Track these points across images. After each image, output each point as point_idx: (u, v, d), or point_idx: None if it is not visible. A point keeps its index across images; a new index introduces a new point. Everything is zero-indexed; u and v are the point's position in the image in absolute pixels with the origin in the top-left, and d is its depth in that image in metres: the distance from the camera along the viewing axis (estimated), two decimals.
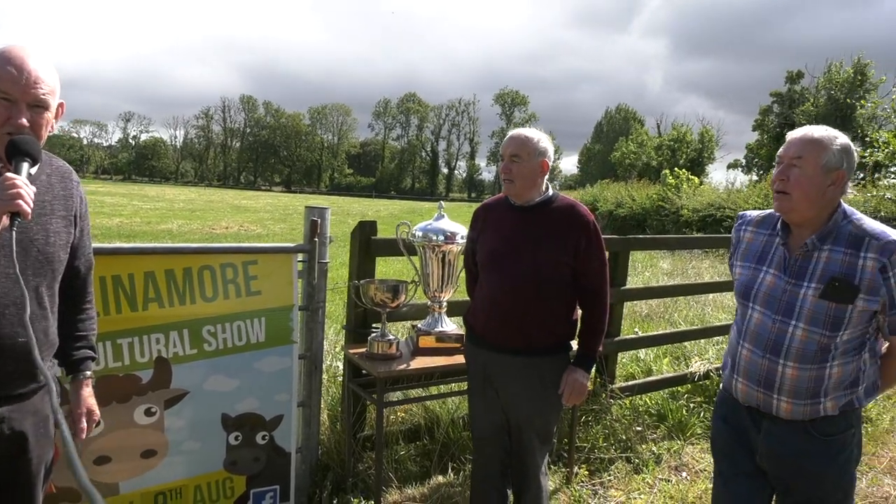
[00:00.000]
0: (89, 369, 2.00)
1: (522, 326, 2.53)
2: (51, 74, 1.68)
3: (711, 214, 18.72)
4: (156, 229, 18.95)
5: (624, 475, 3.68)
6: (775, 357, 1.97)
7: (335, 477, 3.27)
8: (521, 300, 2.52)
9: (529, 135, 2.55)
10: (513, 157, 2.53)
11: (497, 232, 2.64)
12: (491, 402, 2.68)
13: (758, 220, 2.17)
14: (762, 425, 2.06)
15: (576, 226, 2.54)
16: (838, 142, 1.89)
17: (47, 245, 1.74)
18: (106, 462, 2.57)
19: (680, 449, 4.02)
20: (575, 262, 2.52)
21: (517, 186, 2.54)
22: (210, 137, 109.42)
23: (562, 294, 2.56)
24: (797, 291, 1.94)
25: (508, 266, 2.55)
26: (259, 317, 2.86)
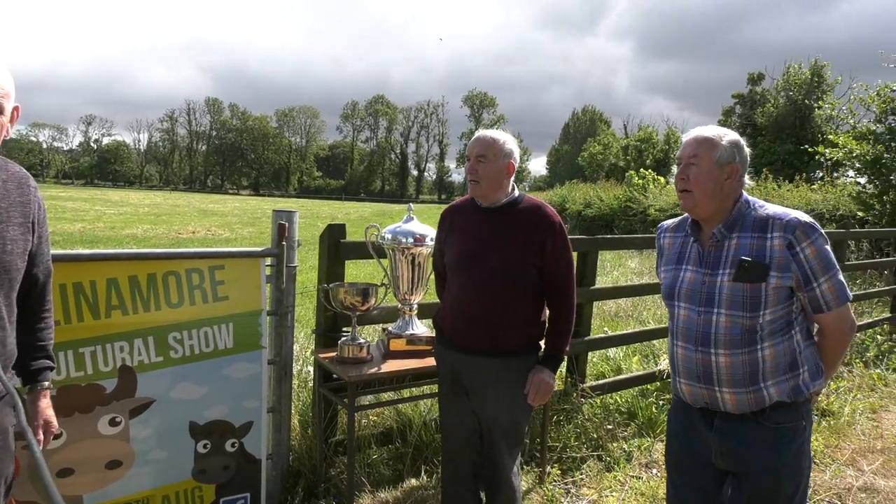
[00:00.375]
0: (48, 380, 1.94)
1: (490, 328, 2.54)
2: (4, 78, 1.63)
3: (677, 213, 19.01)
4: (120, 234, 18.54)
5: (596, 473, 3.71)
6: (706, 348, 2.01)
7: (307, 483, 3.23)
8: (489, 301, 2.53)
9: (496, 136, 2.56)
10: (479, 158, 2.53)
11: (464, 234, 2.64)
12: (461, 404, 2.68)
13: (673, 226, 2.28)
14: (714, 423, 2.08)
15: (542, 227, 2.55)
16: (727, 138, 2.01)
17: (4, 253, 1.68)
18: (69, 474, 2.51)
19: (650, 446, 4.07)
20: (542, 262, 2.54)
21: (483, 187, 2.55)
22: (175, 140, 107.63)
23: (530, 295, 2.57)
24: (714, 280, 2.01)
25: (476, 268, 2.56)
26: (227, 322, 2.82)
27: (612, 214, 23.15)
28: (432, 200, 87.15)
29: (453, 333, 2.64)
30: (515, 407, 2.61)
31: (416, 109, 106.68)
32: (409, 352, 3.19)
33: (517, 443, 2.69)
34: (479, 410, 2.64)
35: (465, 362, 2.61)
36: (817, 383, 2.03)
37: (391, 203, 67.70)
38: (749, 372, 1.98)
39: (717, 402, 2.04)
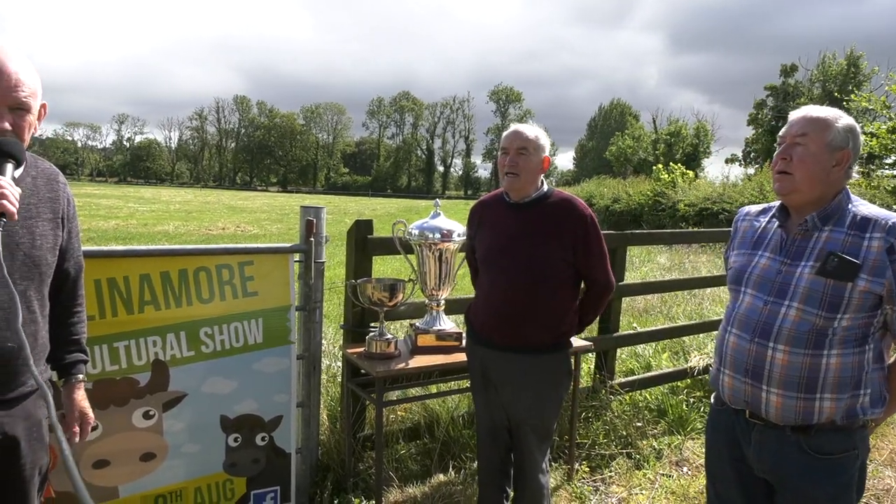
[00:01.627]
0: (81, 372, 1.98)
1: (519, 324, 2.53)
2: (31, 76, 1.65)
3: (707, 208, 18.76)
4: (152, 231, 18.89)
5: (625, 471, 3.67)
6: (764, 340, 1.83)
7: (336, 477, 3.26)
8: (518, 298, 2.52)
9: (535, 130, 2.58)
10: (520, 151, 2.52)
11: (494, 229, 2.64)
12: (490, 399, 2.69)
13: (756, 211, 2.11)
14: (752, 436, 1.92)
15: (574, 221, 2.53)
16: (843, 121, 1.82)
17: (34, 248, 1.72)
18: (105, 466, 2.56)
19: (681, 444, 4.02)
20: (575, 257, 2.52)
21: (522, 181, 2.53)
22: (205, 138, 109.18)
23: (561, 291, 2.55)
24: (793, 271, 1.83)
25: (505, 264, 2.55)
26: (256, 317, 2.85)
27: (640, 209, 22.90)
28: (458, 196, 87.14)
29: (483, 329, 2.64)
30: (544, 404, 2.60)
31: (441, 105, 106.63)
32: (436, 347, 3.19)
33: (545, 439, 2.68)
34: (507, 406, 2.64)
35: (493, 358, 2.61)
36: (877, 412, 1.83)
37: (417, 199, 67.81)
38: (807, 377, 1.78)
39: (760, 402, 1.86)
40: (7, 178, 1.50)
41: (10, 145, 1.57)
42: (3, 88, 1.57)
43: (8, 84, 1.58)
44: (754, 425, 1.91)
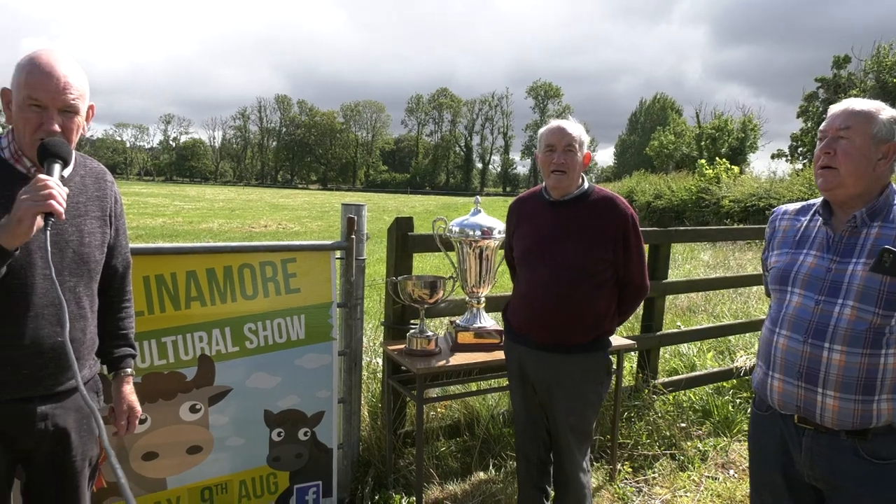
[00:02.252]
0: (130, 367, 2.03)
1: (556, 323, 2.50)
2: (80, 78, 1.69)
3: (754, 205, 18.27)
4: (197, 228, 19.34)
5: (669, 472, 3.60)
6: (819, 341, 1.76)
7: (376, 473, 3.27)
8: (554, 296, 2.48)
9: (579, 127, 2.55)
10: (568, 148, 2.48)
11: (532, 227, 2.61)
12: (528, 399, 2.67)
13: (795, 210, 2.03)
14: (802, 442, 1.83)
15: (614, 219, 2.49)
16: (886, 112, 1.76)
17: (82, 246, 1.76)
18: (153, 458, 2.62)
19: (727, 446, 3.92)
20: (614, 256, 2.48)
21: (570, 178, 2.50)
22: (247, 137, 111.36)
23: (599, 290, 2.50)
24: (844, 269, 1.76)
25: (542, 262, 2.52)
26: (299, 314, 2.88)
27: (682, 206, 22.44)
28: (497, 193, 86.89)
29: (520, 327, 2.62)
30: (582, 404, 2.56)
31: (480, 102, 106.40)
32: (476, 345, 3.18)
33: (585, 439, 2.64)
34: (545, 405, 2.62)
35: (531, 357, 2.59)
36: None
37: (456, 196, 67.87)
38: (865, 378, 1.71)
39: (815, 407, 1.78)
40: (55, 179, 1.54)
41: (58, 146, 1.61)
42: (53, 92, 1.62)
43: (57, 87, 1.62)
44: (804, 431, 1.83)
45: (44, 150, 1.60)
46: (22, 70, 1.63)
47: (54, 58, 1.64)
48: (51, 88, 1.61)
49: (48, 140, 1.61)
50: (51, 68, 1.62)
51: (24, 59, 1.64)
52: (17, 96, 1.63)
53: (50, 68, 1.62)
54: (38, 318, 1.66)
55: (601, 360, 2.58)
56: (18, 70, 1.63)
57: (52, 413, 1.73)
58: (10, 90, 1.65)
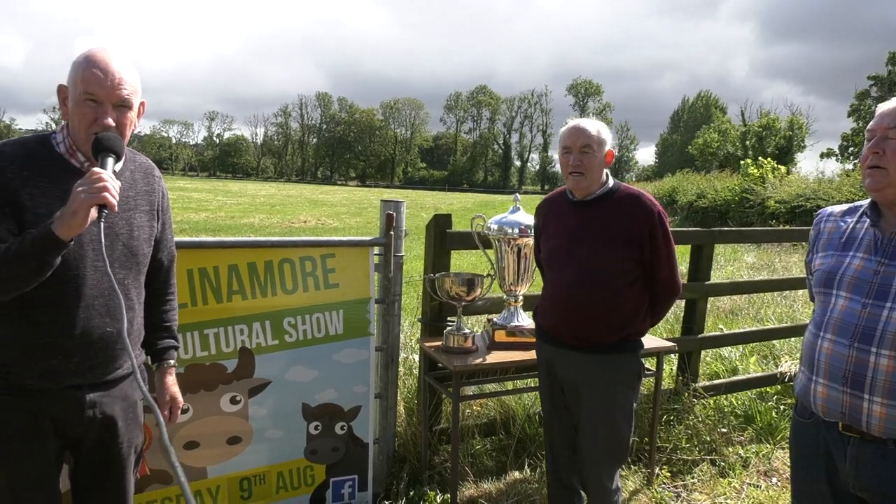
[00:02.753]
0: (172, 358, 2.08)
1: (581, 324, 2.45)
2: (133, 75, 1.73)
3: (800, 206, 17.75)
4: (239, 223, 19.72)
5: (709, 478, 3.53)
6: (866, 346, 1.69)
7: (411, 469, 3.29)
8: (579, 297, 2.44)
9: (597, 125, 2.48)
10: (584, 149, 2.43)
11: (557, 228, 2.58)
12: (556, 400, 2.63)
13: (841, 211, 1.97)
14: (846, 451, 1.77)
15: (640, 217, 2.43)
16: None
17: (132, 239, 1.81)
18: (195, 447, 2.68)
19: (770, 453, 3.82)
20: (640, 255, 2.42)
21: (588, 179, 2.45)
22: (288, 134, 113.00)
23: (625, 290, 2.44)
24: (893, 271, 1.70)
25: (566, 262, 2.49)
26: (337, 309, 2.91)
27: (725, 206, 21.94)
28: (535, 191, 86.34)
29: (547, 327, 2.59)
30: (612, 410, 2.48)
31: (519, 99, 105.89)
32: (513, 343, 3.16)
33: (616, 450, 2.53)
34: (572, 409, 2.57)
35: (558, 357, 2.56)
36: None
37: (493, 194, 67.67)
38: None
39: (860, 414, 1.71)
40: (108, 172, 1.58)
41: (112, 141, 1.66)
42: (108, 87, 1.66)
43: (112, 83, 1.67)
44: (849, 439, 1.77)
45: (98, 145, 1.64)
46: (78, 67, 1.67)
47: (109, 55, 1.69)
48: (106, 84, 1.66)
49: (102, 134, 1.65)
50: (106, 65, 1.67)
51: (81, 57, 1.69)
52: (73, 92, 1.68)
53: (105, 65, 1.67)
54: (88, 308, 1.71)
55: (631, 361, 2.51)
56: (75, 67, 1.68)
57: (101, 401, 1.78)
58: (67, 87, 1.70)
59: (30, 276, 1.55)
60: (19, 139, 1.74)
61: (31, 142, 1.73)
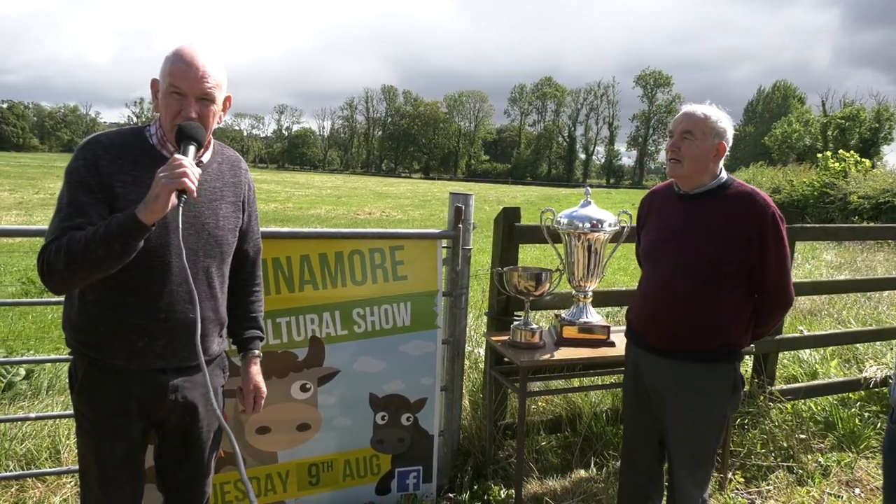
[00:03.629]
0: (257, 348, 2.13)
1: (671, 325, 2.31)
2: (218, 70, 1.78)
3: (887, 202, 16.74)
4: (306, 214, 20.19)
5: (785, 486, 3.37)
6: None
7: (476, 462, 3.28)
8: (673, 297, 2.30)
9: (708, 112, 2.29)
10: (684, 135, 2.28)
11: (659, 221, 2.45)
12: (641, 404, 2.50)
13: None
14: None
15: (752, 217, 2.23)
16: None
17: (217, 228, 1.86)
18: (266, 432, 2.75)
19: (852, 462, 3.62)
20: (746, 258, 2.23)
21: (685, 168, 2.30)
22: (354, 127, 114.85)
23: (727, 294, 2.27)
24: None
25: (663, 259, 2.36)
26: (405, 301, 2.92)
27: (804, 201, 20.93)
28: (600, 185, 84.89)
29: (637, 327, 2.48)
30: (702, 422, 2.33)
31: (585, 91, 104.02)
32: (582, 340, 3.10)
33: (701, 464, 2.40)
34: (658, 416, 2.43)
35: (646, 360, 2.44)
36: None
37: (558, 187, 66.80)
38: None
39: None
40: (189, 159, 1.63)
41: (193, 129, 1.71)
42: (191, 80, 1.72)
43: (196, 76, 1.72)
44: None
45: (180, 133, 1.70)
46: (167, 61, 1.74)
47: (195, 50, 1.75)
48: (190, 77, 1.71)
49: (184, 123, 1.71)
50: (191, 59, 1.72)
51: (171, 52, 1.76)
52: (162, 85, 1.75)
53: (191, 59, 1.72)
54: (172, 294, 1.77)
55: (726, 373, 2.33)
56: (165, 61, 1.75)
57: (183, 386, 1.85)
58: (158, 80, 1.77)
59: (114, 259, 1.60)
60: (116, 130, 1.83)
61: (127, 133, 1.81)
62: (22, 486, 2.94)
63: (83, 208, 1.67)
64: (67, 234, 1.63)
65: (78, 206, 1.67)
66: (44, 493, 2.91)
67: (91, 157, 1.70)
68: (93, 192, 1.68)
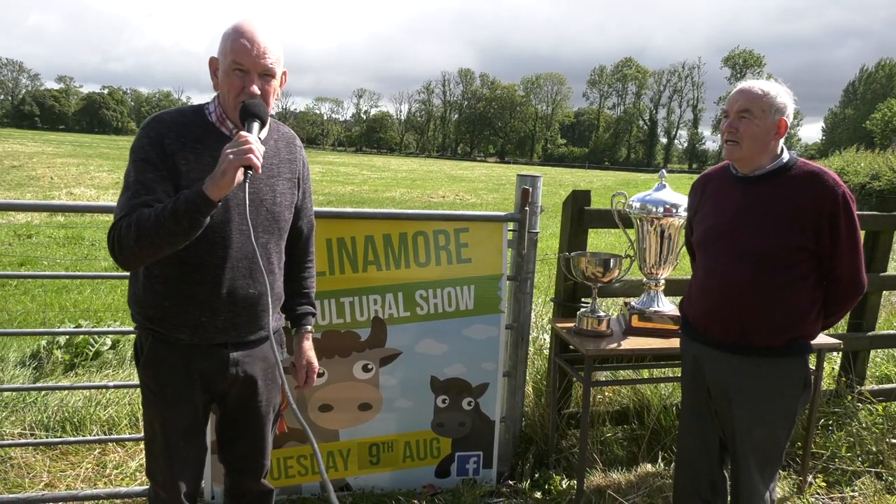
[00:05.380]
0: (310, 324, 2.14)
1: (737, 319, 2.15)
2: (276, 45, 1.79)
3: None
4: (381, 197, 20.47)
5: (873, 493, 3.14)
6: None
7: (538, 451, 3.22)
8: (736, 288, 2.14)
9: (765, 87, 2.10)
10: (741, 114, 2.10)
11: (716, 207, 2.27)
12: (701, 403, 2.35)
13: None
14: None
15: (819, 199, 2.05)
16: None
17: (274, 205, 1.88)
18: (328, 410, 2.79)
19: None
20: (816, 244, 2.07)
21: (743, 150, 2.12)
22: (430, 111, 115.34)
23: (794, 283, 2.10)
24: None
25: (723, 248, 2.19)
26: (469, 284, 2.88)
27: None
28: (682, 170, 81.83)
29: (697, 321, 2.31)
30: (770, 417, 2.18)
31: (668, 73, 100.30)
32: (651, 329, 2.97)
33: (771, 462, 2.25)
34: (722, 414, 2.28)
35: (708, 356, 2.27)
36: None
37: (637, 172, 64.94)
38: None
39: None
40: (254, 136, 1.64)
41: (257, 107, 1.72)
42: (254, 57, 1.72)
43: (258, 52, 1.72)
44: None
45: (244, 111, 1.72)
46: (227, 38, 1.75)
47: (255, 26, 1.76)
48: (252, 54, 1.72)
49: (248, 101, 1.72)
50: (252, 35, 1.73)
51: (230, 29, 1.77)
52: (222, 63, 1.76)
53: (252, 35, 1.73)
54: (233, 269, 1.80)
55: (797, 368, 2.18)
56: (224, 39, 1.76)
57: (243, 360, 1.88)
58: (217, 58, 1.79)
59: (182, 234, 1.64)
60: (177, 108, 1.86)
61: (188, 111, 1.84)
62: (104, 450, 3.12)
63: (150, 185, 1.71)
64: (136, 211, 1.67)
65: (145, 184, 1.71)
66: (122, 458, 3.07)
67: (155, 136, 1.74)
68: (158, 170, 1.72)
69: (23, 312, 6.12)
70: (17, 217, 11.96)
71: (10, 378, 3.85)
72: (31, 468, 2.95)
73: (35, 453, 3.04)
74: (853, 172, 23.37)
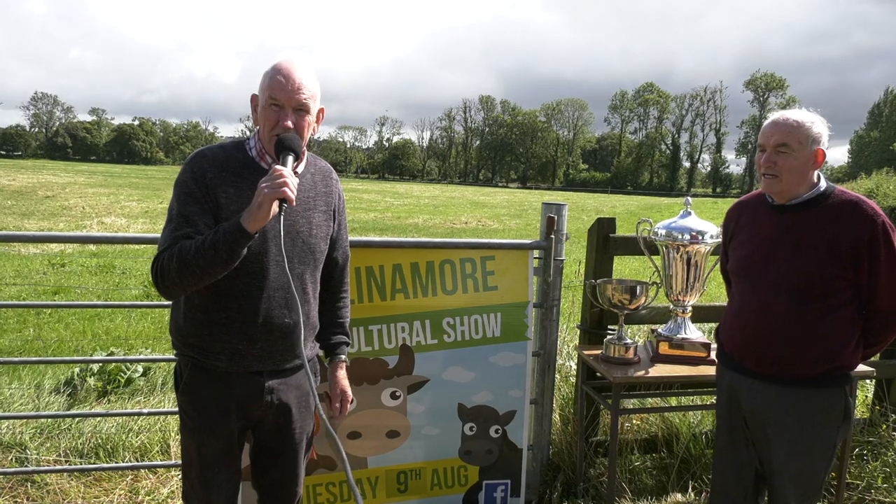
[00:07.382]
0: (344, 353, 2.18)
1: (774, 350, 2.14)
2: (312, 82, 1.86)
3: None
4: (404, 223, 20.61)
5: None
6: None
7: (565, 479, 3.20)
8: (772, 318, 2.13)
9: (801, 118, 2.09)
10: (779, 148, 2.09)
11: (750, 235, 2.26)
12: (737, 433, 2.32)
13: None
14: None
15: (858, 228, 2.04)
16: None
17: (310, 236, 1.93)
18: (357, 437, 2.81)
19: None
20: (855, 273, 2.05)
21: (783, 183, 2.11)
22: (452, 137, 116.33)
23: (831, 314, 2.08)
24: None
25: (760, 277, 2.18)
26: (495, 311, 2.90)
27: None
28: (705, 194, 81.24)
29: (733, 351, 2.29)
30: (809, 448, 2.15)
31: (690, 97, 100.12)
32: (679, 357, 2.96)
33: (810, 495, 2.21)
34: (759, 445, 2.25)
35: (745, 386, 2.25)
36: None
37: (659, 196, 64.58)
38: None
39: None
40: (288, 169, 1.70)
41: (291, 140, 1.79)
42: (289, 91, 1.80)
43: (293, 88, 1.80)
44: None
45: (279, 144, 1.79)
46: (266, 76, 1.84)
47: (293, 63, 1.84)
48: (287, 89, 1.80)
49: (283, 135, 1.79)
50: (289, 72, 1.81)
51: (269, 67, 1.86)
52: (261, 99, 1.85)
53: (288, 72, 1.81)
54: (270, 299, 1.85)
55: (837, 398, 2.14)
56: (264, 77, 1.85)
57: (278, 388, 1.92)
58: (257, 95, 1.87)
59: (221, 265, 1.70)
60: (220, 144, 1.94)
61: (230, 146, 1.92)
62: (136, 476, 3.17)
63: (192, 218, 1.77)
64: (178, 243, 1.74)
65: (187, 217, 1.78)
66: (154, 484, 3.11)
67: (198, 170, 1.82)
68: (200, 203, 1.79)
69: (57, 340, 6.27)
70: (52, 247, 12.28)
71: (46, 405, 3.93)
72: (66, 494, 3.00)
73: (70, 479, 3.10)
74: (882, 195, 22.98)
